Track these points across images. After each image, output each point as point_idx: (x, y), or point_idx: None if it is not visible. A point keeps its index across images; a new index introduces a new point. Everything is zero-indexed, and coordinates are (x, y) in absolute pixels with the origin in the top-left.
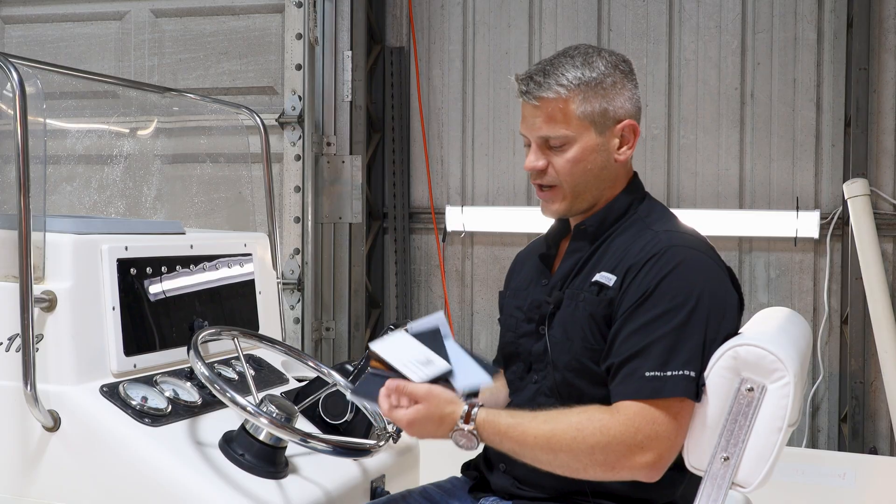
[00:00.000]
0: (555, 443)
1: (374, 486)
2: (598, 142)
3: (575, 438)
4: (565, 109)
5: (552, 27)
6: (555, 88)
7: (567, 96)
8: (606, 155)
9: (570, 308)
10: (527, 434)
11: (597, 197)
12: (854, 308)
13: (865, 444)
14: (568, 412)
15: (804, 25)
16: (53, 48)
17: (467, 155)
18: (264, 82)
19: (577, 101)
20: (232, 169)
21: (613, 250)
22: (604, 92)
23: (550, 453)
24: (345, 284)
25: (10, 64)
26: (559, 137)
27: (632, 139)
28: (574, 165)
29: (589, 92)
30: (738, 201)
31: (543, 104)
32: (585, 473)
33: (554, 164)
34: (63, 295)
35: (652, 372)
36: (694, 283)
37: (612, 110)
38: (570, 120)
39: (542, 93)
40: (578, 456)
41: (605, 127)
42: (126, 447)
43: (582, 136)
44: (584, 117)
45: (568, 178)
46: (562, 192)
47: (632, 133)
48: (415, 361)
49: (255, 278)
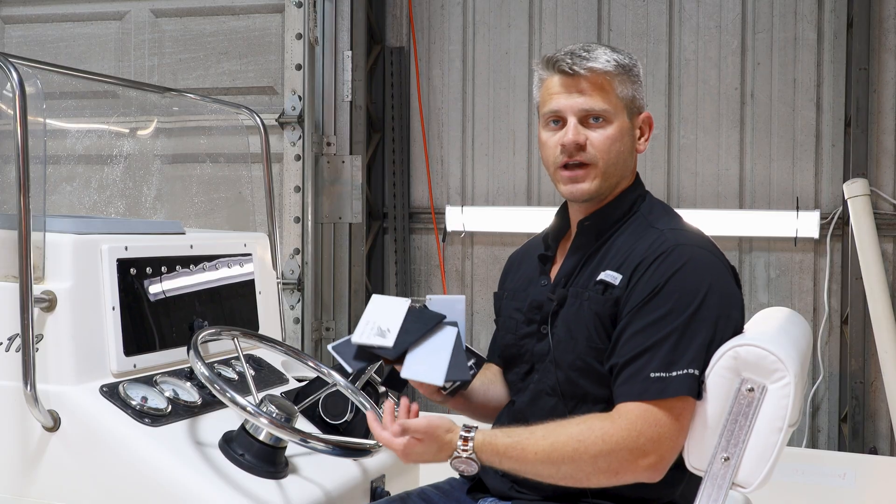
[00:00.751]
0: (556, 456)
1: (374, 486)
2: (628, 126)
3: (577, 450)
4: (611, 84)
5: (552, 27)
6: (602, 61)
7: (613, 72)
8: (632, 142)
9: (574, 307)
10: (527, 451)
11: (616, 184)
12: (854, 308)
13: (865, 444)
14: (566, 424)
15: (804, 25)
16: (53, 48)
17: (467, 155)
18: (264, 82)
19: (617, 80)
20: (232, 169)
21: (617, 248)
22: (634, 79)
23: (552, 466)
24: (345, 284)
25: (10, 64)
26: (604, 111)
27: (648, 133)
28: (612, 143)
29: (625, 76)
30: (738, 201)
31: (593, 76)
32: (589, 482)
33: (592, 141)
34: (63, 295)
35: (657, 373)
36: (701, 282)
37: (639, 99)
38: (612, 97)
39: (593, 63)
40: (581, 466)
41: (632, 114)
42: (126, 447)
43: (619, 115)
44: (621, 98)
45: (605, 155)
46: (594, 171)
47: (647, 127)
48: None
49: (255, 278)
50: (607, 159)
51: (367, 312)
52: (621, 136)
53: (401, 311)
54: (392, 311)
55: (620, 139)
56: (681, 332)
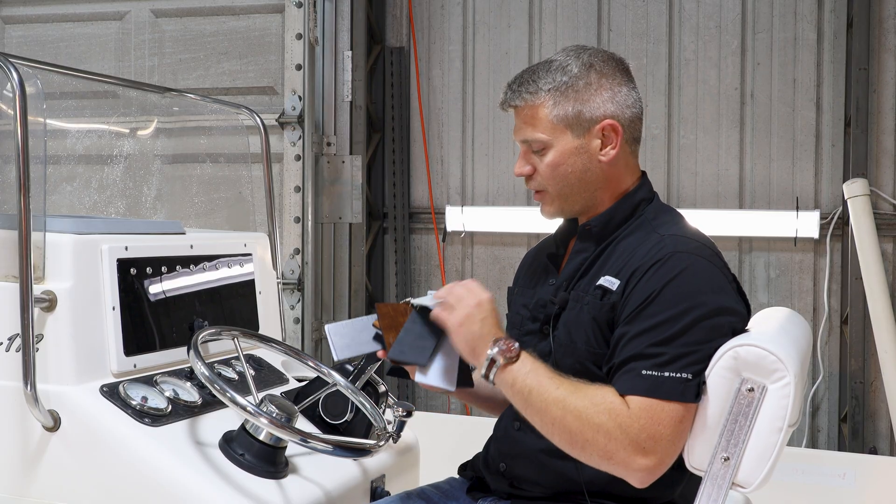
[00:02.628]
0: (570, 404)
1: (374, 486)
2: (576, 144)
3: (587, 408)
4: (537, 115)
5: (552, 27)
6: (524, 96)
7: (537, 102)
8: (588, 157)
9: (574, 311)
10: (551, 382)
11: (588, 199)
12: (854, 308)
13: (865, 444)
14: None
15: (804, 25)
16: (53, 48)
17: (467, 155)
18: (264, 82)
19: (548, 105)
20: (232, 169)
21: (619, 253)
22: (576, 94)
23: (560, 410)
24: (345, 284)
25: (10, 64)
26: (536, 142)
27: (614, 139)
28: (553, 169)
29: (559, 96)
30: (738, 201)
31: (518, 111)
32: (583, 450)
33: (538, 169)
34: (63, 295)
35: (649, 371)
36: (696, 291)
37: (588, 112)
38: (543, 124)
39: (514, 101)
40: (583, 429)
41: (582, 129)
42: (126, 447)
43: (558, 139)
44: (557, 121)
45: (550, 181)
46: (549, 196)
47: (613, 133)
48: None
49: (255, 278)
50: (555, 185)
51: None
52: (564, 158)
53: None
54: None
55: (564, 162)
56: (675, 339)
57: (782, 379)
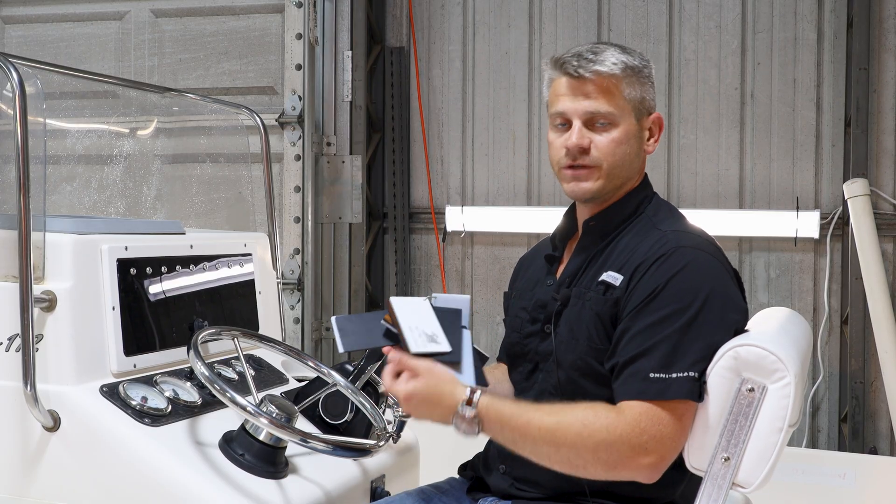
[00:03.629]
0: (559, 436)
1: (374, 486)
2: (636, 128)
3: (580, 434)
4: (617, 87)
5: (552, 27)
6: (609, 64)
7: (620, 75)
8: (639, 144)
9: (576, 307)
10: (531, 424)
11: (622, 184)
12: (854, 308)
13: (865, 444)
14: (574, 406)
15: (804, 25)
16: (53, 48)
17: (467, 155)
18: (264, 82)
19: (625, 82)
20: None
21: (621, 249)
22: (643, 81)
23: (553, 447)
24: (345, 284)
25: (10, 64)
26: (609, 114)
27: (657, 134)
28: (617, 146)
29: (633, 77)
30: (738, 201)
31: (598, 79)
32: (585, 471)
33: (596, 144)
34: (63, 295)
35: (656, 373)
36: (701, 285)
37: (648, 100)
38: (619, 100)
39: (598, 66)
40: (581, 452)
41: (641, 115)
42: (126, 447)
43: (625, 118)
44: (629, 100)
45: (610, 158)
46: (598, 172)
47: (657, 128)
48: (421, 331)
49: (255, 278)
50: (612, 162)
51: (402, 319)
52: (627, 138)
53: (429, 313)
54: (421, 314)
55: (626, 142)
56: (680, 334)
57: (782, 379)
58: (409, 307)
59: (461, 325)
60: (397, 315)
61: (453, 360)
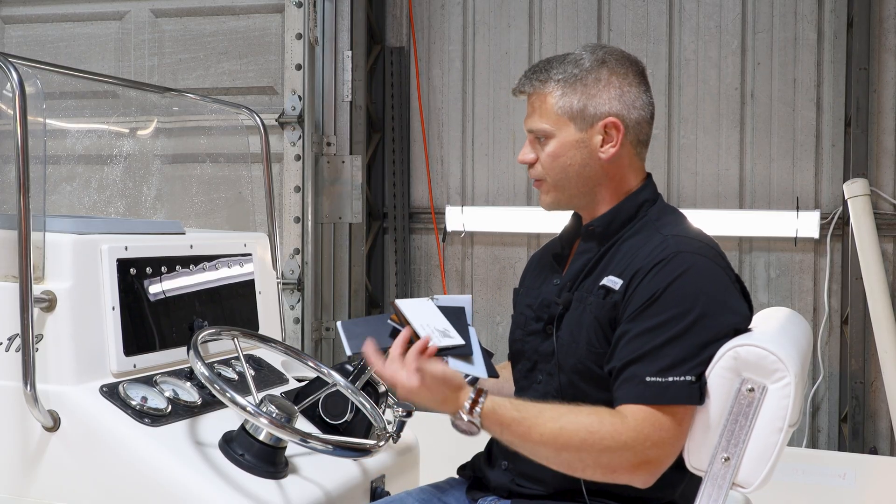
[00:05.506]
0: (562, 442)
1: (374, 486)
2: (577, 138)
3: (584, 440)
4: (545, 104)
5: (552, 27)
6: (533, 83)
7: (545, 91)
8: (588, 152)
9: (577, 311)
10: (532, 431)
11: (586, 194)
12: (854, 308)
13: (865, 444)
14: (577, 411)
15: (804, 25)
16: (53, 48)
17: (467, 155)
18: (264, 82)
19: (555, 95)
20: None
21: (623, 253)
22: (584, 88)
23: (553, 451)
24: (345, 284)
25: (10, 64)
26: (539, 130)
27: (615, 137)
28: (553, 160)
29: (567, 88)
30: (738, 201)
31: (532, 96)
32: (583, 473)
33: (540, 158)
34: (63, 295)
35: (653, 377)
36: (699, 290)
37: (592, 107)
38: (549, 114)
39: (524, 87)
40: (584, 458)
41: (585, 123)
42: (126, 447)
43: (561, 130)
44: (562, 112)
45: (549, 171)
46: (546, 185)
47: (615, 130)
48: (434, 328)
49: (254, 278)
50: (553, 174)
51: (412, 318)
52: (564, 150)
53: (436, 311)
54: (428, 312)
55: (564, 154)
56: (678, 338)
57: (783, 379)
58: (414, 306)
59: (467, 322)
60: (406, 314)
61: (467, 352)
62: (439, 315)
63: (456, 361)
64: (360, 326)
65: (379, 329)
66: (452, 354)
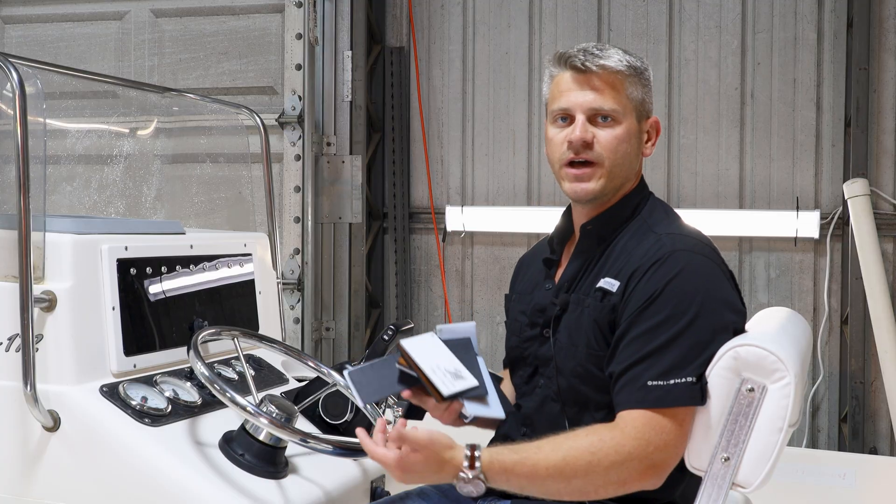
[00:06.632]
0: (569, 471)
1: (374, 486)
2: (636, 128)
3: (590, 462)
4: (622, 85)
5: (552, 27)
6: (615, 60)
7: (625, 72)
8: (639, 145)
9: (575, 313)
10: (538, 467)
11: (621, 185)
12: (854, 308)
13: (865, 444)
14: (574, 436)
15: (804, 25)
16: (53, 48)
17: (467, 155)
18: (264, 82)
19: (629, 81)
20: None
21: (618, 254)
22: (645, 83)
23: (563, 482)
24: (345, 284)
25: (10, 64)
26: (613, 111)
27: (654, 138)
28: (620, 143)
29: (636, 77)
30: (738, 201)
31: (604, 74)
32: (597, 494)
33: (599, 139)
34: (63, 295)
35: (654, 381)
36: (697, 289)
37: (648, 103)
38: (623, 97)
39: (605, 61)
40: (593, 479)
41: (641, 117)
42: (126, 447)
43: (628, 117)
44: (631, 99)
45: (611, 154)
46: (600, 170)
47: (655, 131)
48: (445, 370)
49: (255, 278)
50: (613, 159)
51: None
52: (629, 137)
53: (442, 349)
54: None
55: (627, 140)
56: (677, 340)
57: (782, 379)
58: (421, 347)
59: (475, 354)
60: (414, 358)
61: (482, 393)
62: (447, 352)
63: (471, 405)
64: (367, 375)
65: (387, 374)
66: (467, 397)
